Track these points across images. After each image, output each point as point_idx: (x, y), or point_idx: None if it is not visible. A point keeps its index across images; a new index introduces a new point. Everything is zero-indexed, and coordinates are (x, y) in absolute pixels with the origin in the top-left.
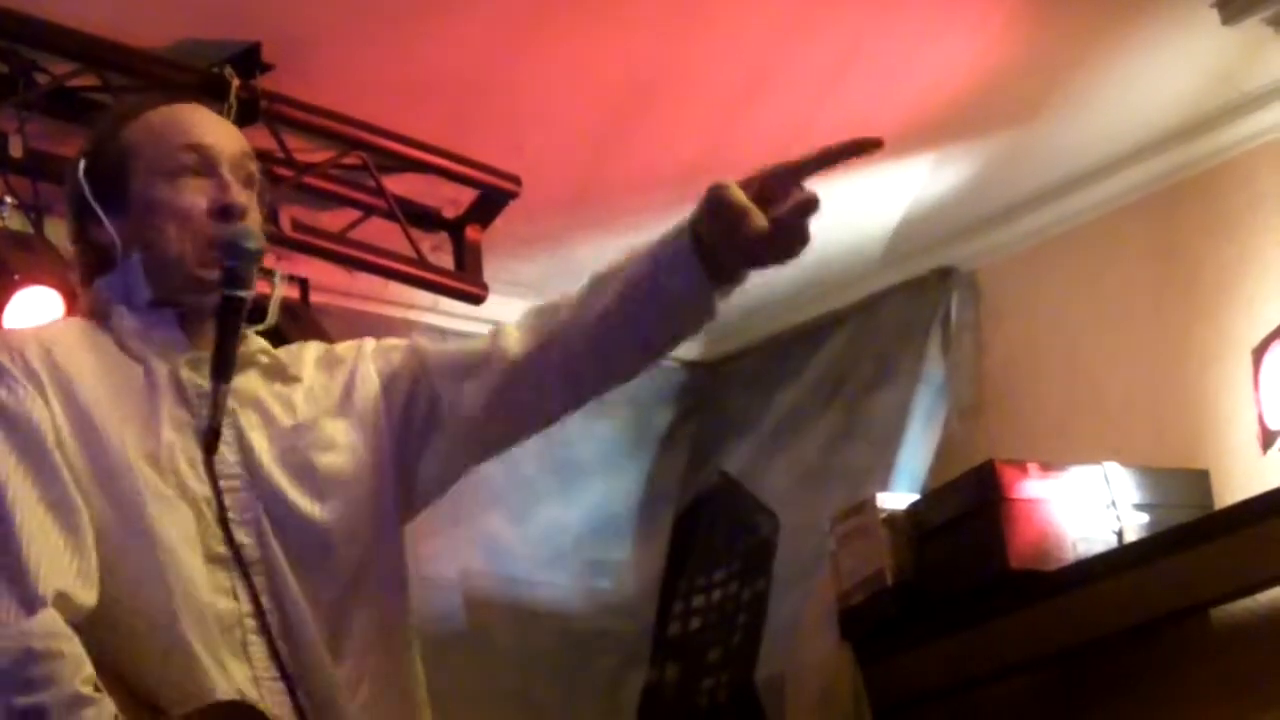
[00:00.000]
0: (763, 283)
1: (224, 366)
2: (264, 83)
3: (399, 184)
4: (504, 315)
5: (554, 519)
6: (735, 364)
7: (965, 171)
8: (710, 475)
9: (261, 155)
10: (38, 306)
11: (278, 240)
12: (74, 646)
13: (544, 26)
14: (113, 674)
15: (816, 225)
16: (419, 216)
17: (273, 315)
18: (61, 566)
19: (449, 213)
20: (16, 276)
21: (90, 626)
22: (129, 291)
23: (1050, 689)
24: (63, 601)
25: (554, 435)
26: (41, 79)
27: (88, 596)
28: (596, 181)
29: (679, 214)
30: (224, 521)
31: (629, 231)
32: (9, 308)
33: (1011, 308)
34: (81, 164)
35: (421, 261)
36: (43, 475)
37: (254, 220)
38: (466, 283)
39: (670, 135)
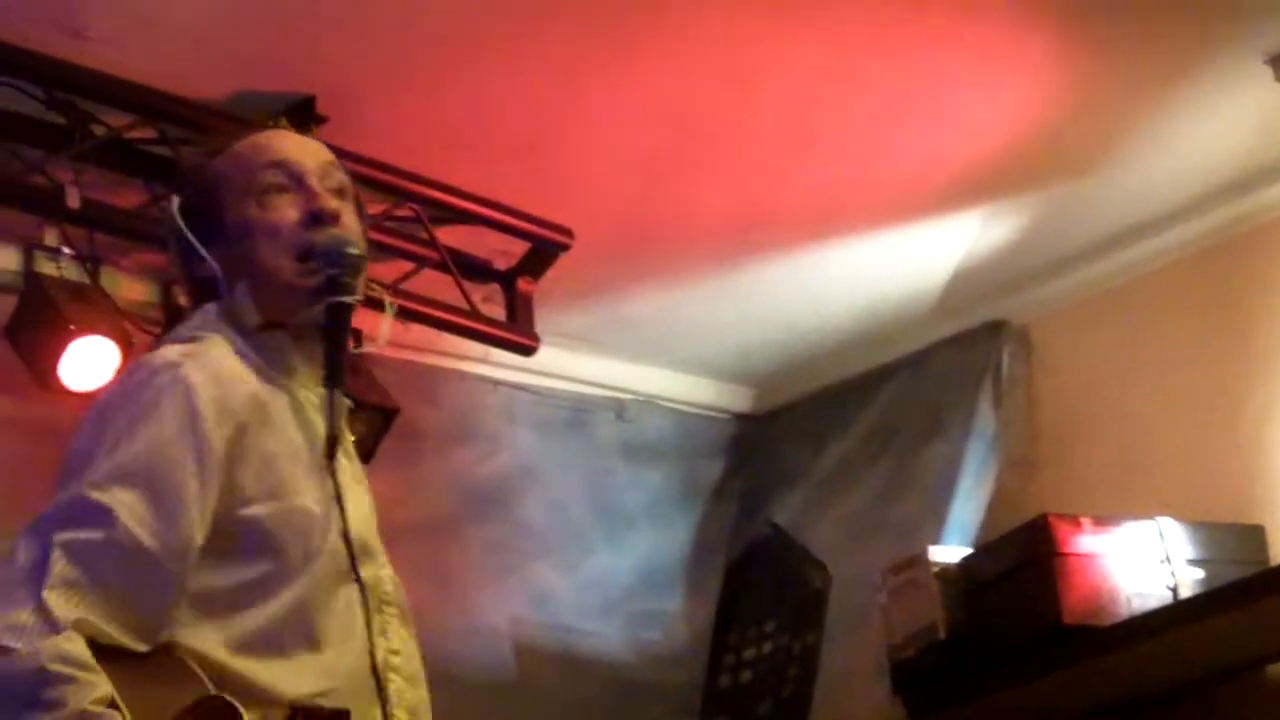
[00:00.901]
0: (814, 335)
1: (335, 373)
2: (318, 135)
3: (451, 236)
4: (554, 366)
5: (603, 569)
6: (786, 416)
7: (1017, 224)
8: (761, 527)
9: None
10: (94, 356)
11: None
12: (90, 675)
13: (593, 79)
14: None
15: (869, 277)
16: (471, 268)
17: (383, 339)
18: (89, 600)
19: (501, 264)
20: (73, 326)
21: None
22: (238, 317)
23: None
24: (88, 629)
25: (604, 485)
26: (98, 130)
27: (128, 640)
28: (645, 233)
29: (727, 265)
30: (351, 560)
31: (679, 283)
32: (65, 357)
33: (1063, 361)
34: (175, 202)
35: (474, 313)
36: (160, 512)
37: (350, 226)
38: (518, 334)
39: (718, 186)
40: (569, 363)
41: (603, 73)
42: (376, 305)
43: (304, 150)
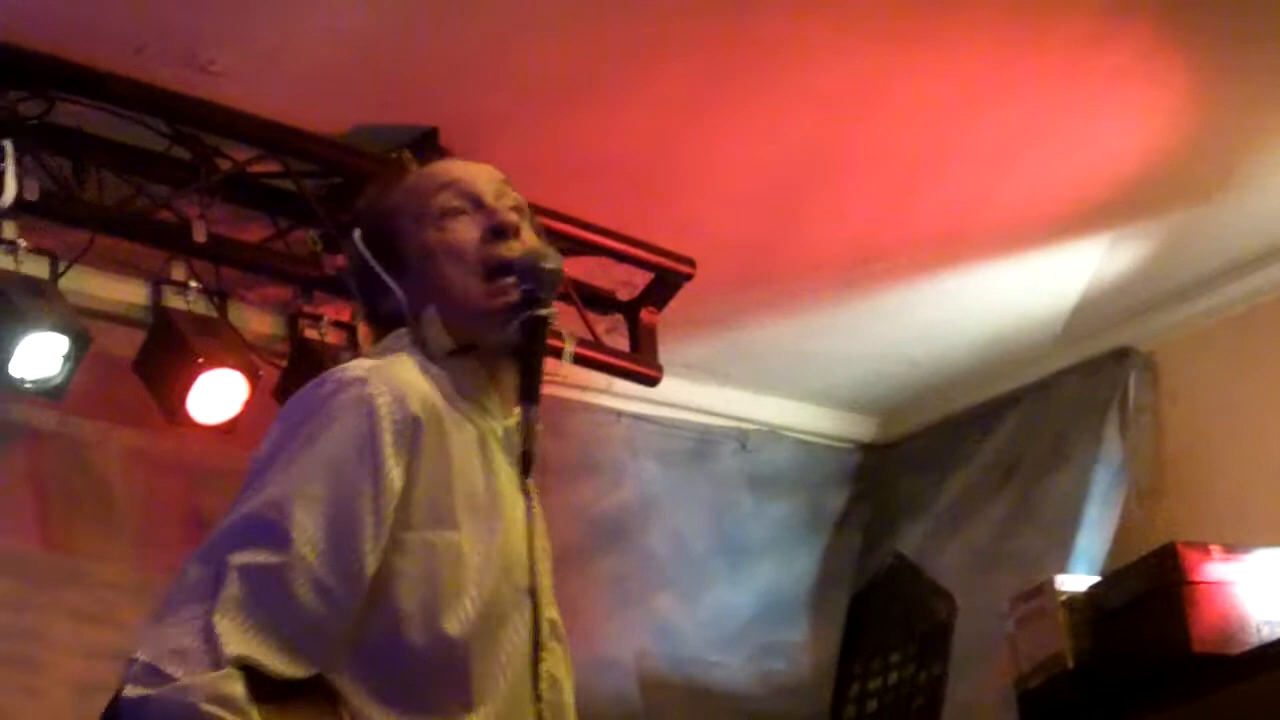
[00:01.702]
0: (937, 363)
1: (532, 389)
2: None
3: (574, 267)
4: (676, 396)
5: (726, 600)
6: (909, 445)
7: (1142, 251)
8: (885, 557)
9: None
10: (222, 389)
11: None
12: (243, 718)
13: (716, 107)
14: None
15: (992, 305)
16: (594, 299)
17: (568, 356)
18: (258, 633)
19: (624, 295)
20: (201, 360)
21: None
22: (428, 343)
23: None
24: (249, 662)
25: (727, 516)
26: (223, 165)
27: (287, 671)
28: (769, 262)
29: (850, 294)
30: (535, 606)
31: (802, 312)
32: (194, 390)
33: (1190, 388)
34: (357, 234)
35: (597, 343)
36: (336, 540)
37: (532, 240)
38: (642, 364)
39: (842, 214)
40: (692, 393)
41: (725, 106)
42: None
43: (476, 171)
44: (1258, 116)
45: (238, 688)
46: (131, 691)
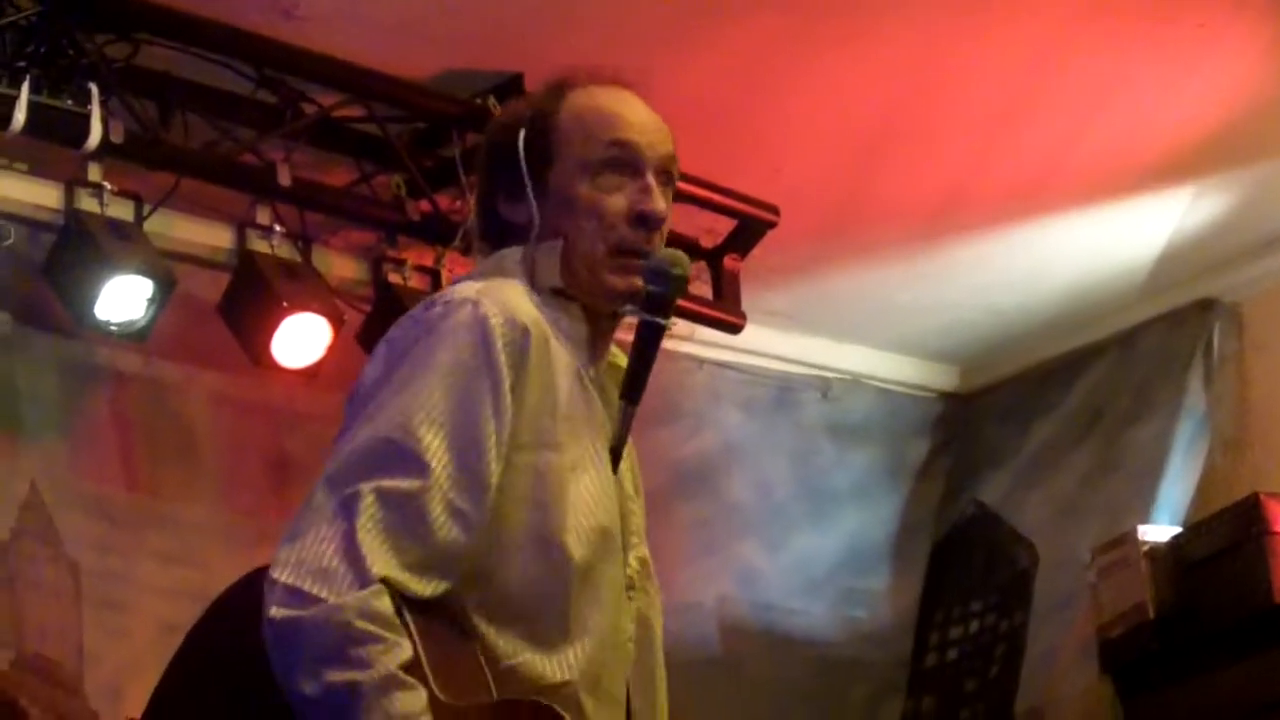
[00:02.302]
0: (1020, 313)
1: (636, 390)
2: None
3: None
4: (759, 344)
5: (808, 548)
6: (992, 395)
7: (1226, 202)
8: (967, 506)
9: None
10: (306, 333)
11: None
12: (395, 634)
13: (801, 54)
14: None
15: (1076, 256)
16: (677, 246)
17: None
18: (400, 552)
19: (707, 242)
20: (285, 304)
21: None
22: (537, 272)
23: None
24: (398, 588)
25: (809, 464)
26: (308, 109)
27: (424, 590)
28: (852, 210)
29: (932, 244)
30: (625, 542)
31: (885, 261)
32: (278, 334)
33: (1275, 339)
34: (522, 135)
35: None
36: (466, 459)
37: (666, 229)
38: (725, 312)
39: (927, 162)
40: (774, 341)
41: (810, 54)
42: None
43: (649, 137)
44: None
45: (388, 603)
46: (279, 613)
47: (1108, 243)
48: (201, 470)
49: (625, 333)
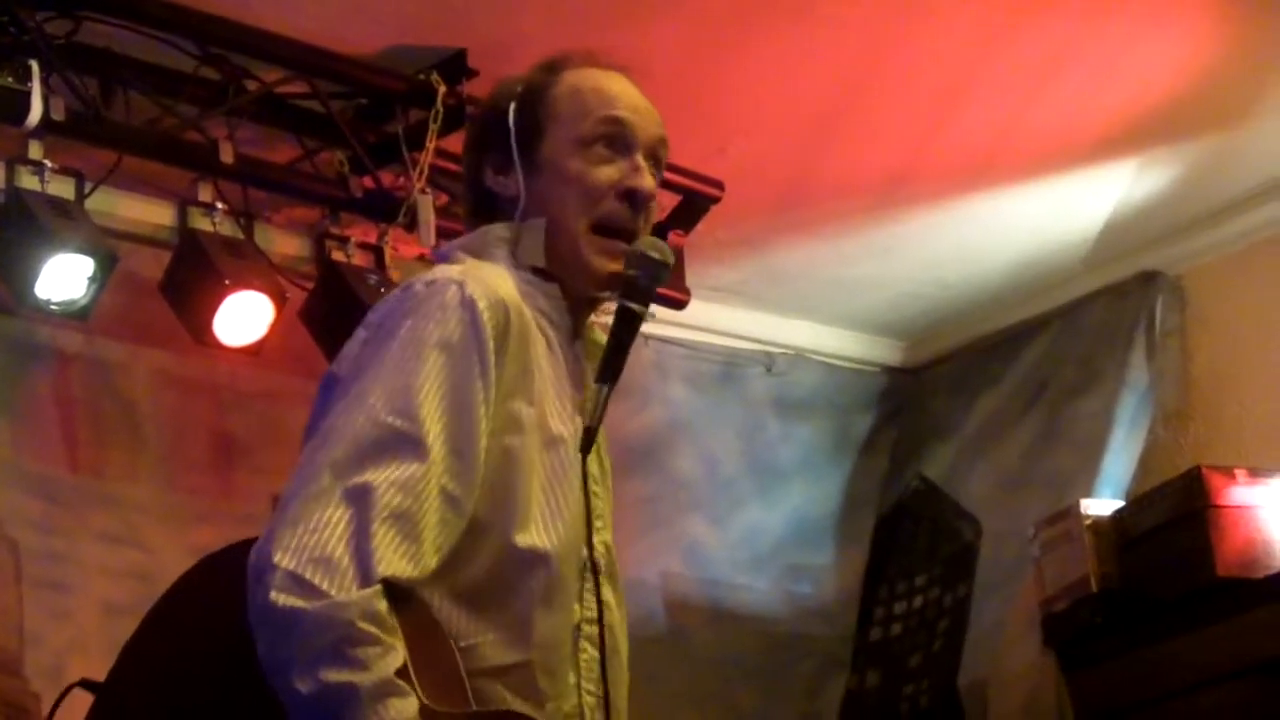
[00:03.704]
0: (965, 287)
1: (613, 373)
2: (470, 88)
3: None
4: (704, 320)
5: (754, 523)
6: (937, 369)
7: (1171, 175)
8: (911, 480)
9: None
10: (248, 311)
11: None
12: (393, 637)
13: (747, 30)
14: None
15: (1021, 229)
16: None
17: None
18: (405, 548)
19: None
20: (228, 281)
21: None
22: (520, 249)
23: (1257, 699)
24: (392, 582)
25: (755, 440)
26: (251, 86)
27: (414, 570)
28: (799, 185)
29: (878, 218)
30: (589, 525)
31: (832, 236)
32: (220, 312)
33: (1217, 312)
34: (512, 108)
35: None
36: (460, 442)
37: (656, 200)
38: (669, 287)
39: (874, 138)
40: (720, 316)
41: (756, 30)
42: None
43: (642, 118)
44: None
45: (385, 604)
46: (282, 600)
47: (1053, 216)
48: (144, 449)
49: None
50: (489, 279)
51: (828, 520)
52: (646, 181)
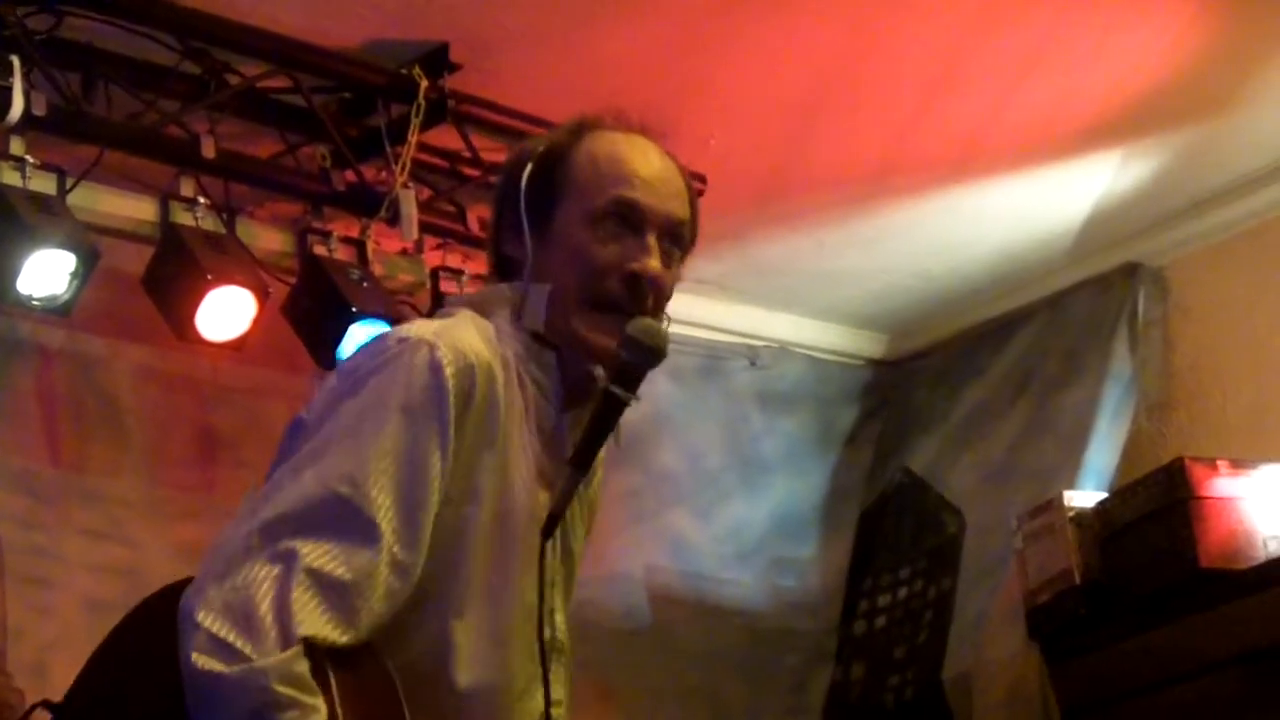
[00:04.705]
0: (949, 279)
1: (586, 459)
2: (452, 83)
3: None
4: (687, 313)
5: (738, 516)
6: (920, 361)
7: (1154, 166)
8: (895, 473)
9: (448, 154)
10: (231, 306)
11: (465, 239)
12: (312, 697)
13: (730, 23)
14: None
15: (1004, 221)
16: None
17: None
18: (331, 614)
19: None
20: (210, 276)
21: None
22: (523, 313)
23: (1240, 689)
24: (320, 643)
25: (739, 432)
26: (233, 80)
27: (349, 642)
28: (782, 178)
29: (861, 210)
30: (540, 610)
31: (815, 228)
32: (203, 307)
33: (1200, 303)
34: (527, 170)
35: None
36: (410, 520)
37: (669, 282)
38: None
39: (857, 131)
40: (703, 310)
41: (738, 22)
42: None
43: (659, 196)
44: (1270, 32)
45: (305, 665)
46: (203, 664)
47: (1037, 207)
48: (127, 445)
49: None
50: (465, 340)
51: (812, 513)
52: (652, 264)
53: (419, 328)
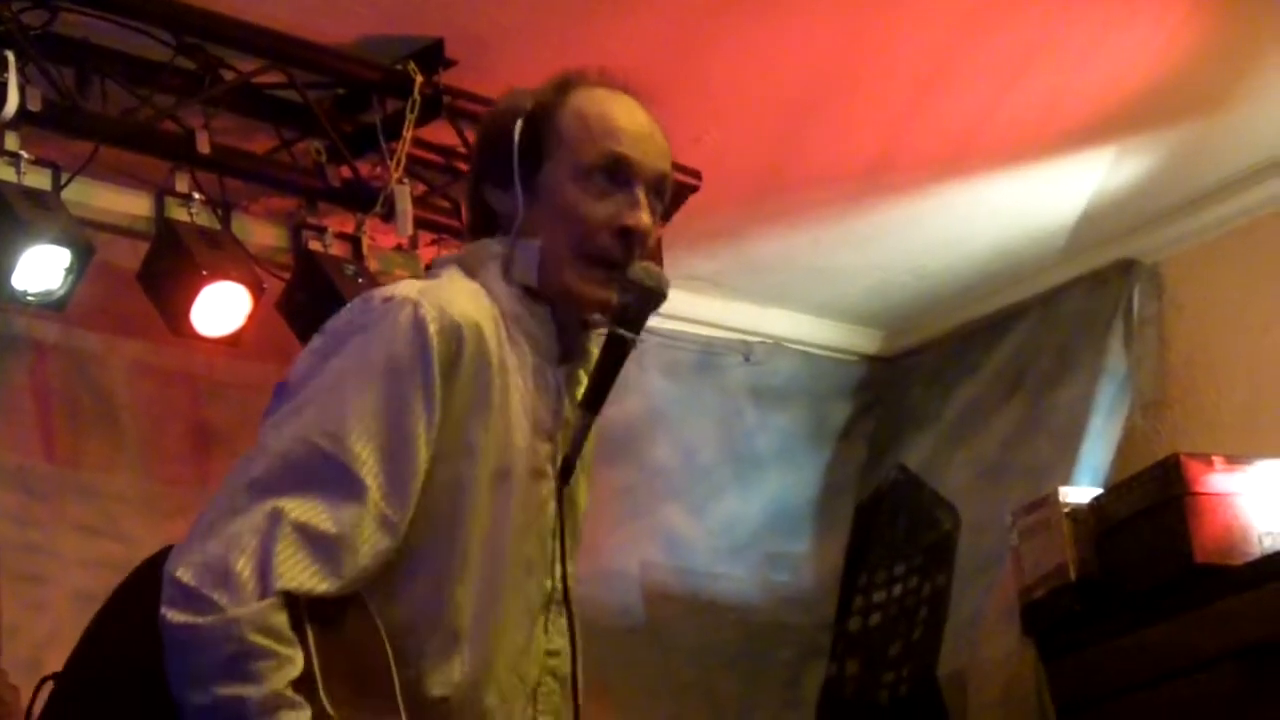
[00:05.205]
0: (943, 276)
1: (597, 401)
2: (447, 78)
3: None
4: (681, 309)
5: (732, 512)
6: (915, 357)
7: (1148, 162)
8: (889, 469)
9: (443, 150)
10: (226, 301)
11: (460, 234)
12: (289, 648)
13: (725, 20)
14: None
15: (998, 217)
16: None
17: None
18: (315, 566)
19: None
20: (205, 272)
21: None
22: (512, 268)
23: (1236, 685)
24: (298, 591)
25: (733, 428)
26: (228, 75)
27: (334, 593)
28: (777, 175)
29: (856, 207)
30: (562, 557)
31: (809, 225)
32: (198, 302)
33: (1195, 300)
34: (519, 125)
35: None
36: (396, 474)
37: (653, 235)
38: None
39: (852, 128)
40: (697, 306)
41: (735, 12)
42: None
43: (645, 152)
44: (1268, 26)
45: (283, 617)
46: (176, 617)
47: (1031, 204)
48: (122, 440)
49: None
50: (451, 299)
51: (806, 509)
52: (643, 218)
53: (404, 287)
